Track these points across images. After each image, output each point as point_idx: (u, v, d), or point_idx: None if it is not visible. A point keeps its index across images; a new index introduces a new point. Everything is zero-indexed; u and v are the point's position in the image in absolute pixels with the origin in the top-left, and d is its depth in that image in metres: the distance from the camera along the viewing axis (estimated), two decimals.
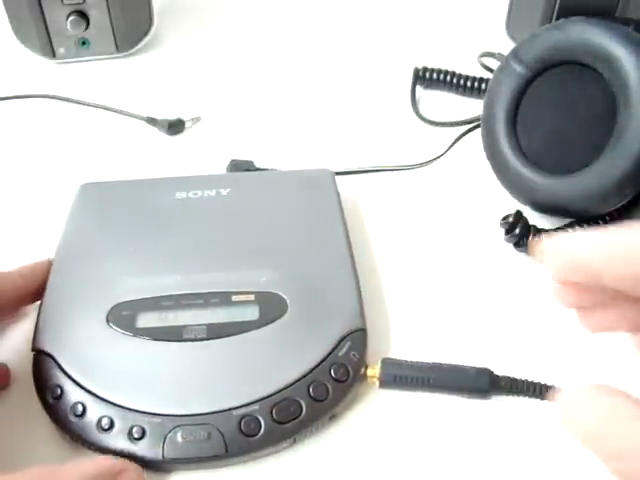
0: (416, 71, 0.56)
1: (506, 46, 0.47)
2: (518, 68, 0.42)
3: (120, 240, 0.38)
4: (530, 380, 0.33)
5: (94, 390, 0.31)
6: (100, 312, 0.34)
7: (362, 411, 0.34)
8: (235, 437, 0.30)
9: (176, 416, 0.30)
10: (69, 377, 0.32)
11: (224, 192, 0.42)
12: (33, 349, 0.34)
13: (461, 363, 0.34)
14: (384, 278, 0.40)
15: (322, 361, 0.32)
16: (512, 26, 0.61)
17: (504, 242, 0.41)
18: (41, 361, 0.33)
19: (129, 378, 0.32)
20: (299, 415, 0.31)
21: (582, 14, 0.40)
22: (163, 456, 0.30)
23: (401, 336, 0.37)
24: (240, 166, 0.48)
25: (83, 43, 0.59)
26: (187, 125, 0.53)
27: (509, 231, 0.41)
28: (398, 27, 0.66)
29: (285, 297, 0.35)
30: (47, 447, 0.32)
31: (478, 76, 0.55)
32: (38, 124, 0.54)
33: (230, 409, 0.31)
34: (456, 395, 0.34)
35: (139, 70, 0.60)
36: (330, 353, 0.33)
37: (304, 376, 0.32)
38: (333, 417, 0.32)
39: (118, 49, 0.60)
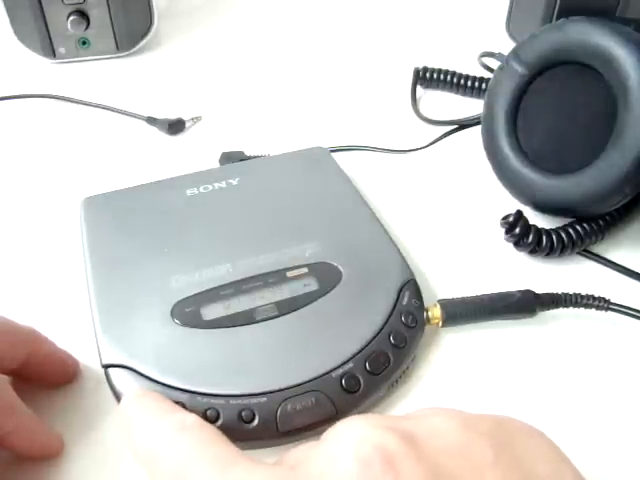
0: (416, 71, 0.56)
1: (506, 46, 0.47)
2: (518, 68, 0.42)
3: (150, 245, 0.38)
4: (567, 292, 0.37)
5: (190, 388, 0.31)
6: (163, 314, 0.34)
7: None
8: (340, 396, 0.32)
9: (279, 391, 0.31)
10: (158, 383, 0.31)
11: (234, 182, 0.43)
12: (104, 365, 0.33)
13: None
14: None
15: (392, 311, 0.35)
16: (512, 26, 0.61)
17: (504, 242, 0.41)
18: (117, 375, 0.32)
19: (219, 368, 0.32)
20: (388, 364, 0.33)
21: (582, 14, 0.40)
22: (278, 430, 0.31)
23: None
24: (232, 157, 0.48)
25: (83, 43, 0.59)
26: (187, 125, 0.53)
27: (509, 231, 0.41)
28: (398, 27, 0.66)
29: (335, 264, 0.37)
30: None
31: (478, 76, 0.55)
32: (38, 124, 0.54)
33: (329, 371, 0.32)
34: (507, 319, 0.37)
35: (139, 70, 0.60)
36: (396, 304, 0.35)
37: (382, 327, 0.34)
38: (413, 360, 0.35)
39: (118, 49, 0.61)
